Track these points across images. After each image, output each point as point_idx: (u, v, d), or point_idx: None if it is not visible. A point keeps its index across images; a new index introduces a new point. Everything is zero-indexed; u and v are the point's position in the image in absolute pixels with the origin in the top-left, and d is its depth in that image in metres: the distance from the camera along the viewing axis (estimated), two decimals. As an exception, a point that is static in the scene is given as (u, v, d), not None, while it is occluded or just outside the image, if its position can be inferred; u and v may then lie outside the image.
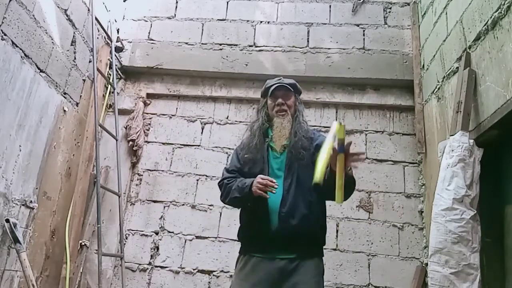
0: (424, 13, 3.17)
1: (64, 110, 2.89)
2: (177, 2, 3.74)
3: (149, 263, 3.09)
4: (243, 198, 1.79)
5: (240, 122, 3.40)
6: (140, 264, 3.10)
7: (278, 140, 1.90)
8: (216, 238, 3.10)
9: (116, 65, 3.42)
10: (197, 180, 3.28)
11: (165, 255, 3.10)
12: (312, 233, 1.80)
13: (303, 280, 1.71)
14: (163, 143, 3.41)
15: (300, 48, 3.45)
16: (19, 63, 2.38)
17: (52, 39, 2.69)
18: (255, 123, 2.01)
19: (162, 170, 3.34)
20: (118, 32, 3.58)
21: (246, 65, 3.43)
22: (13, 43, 2.32)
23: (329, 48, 3.41)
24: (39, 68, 2.57)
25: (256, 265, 1.78)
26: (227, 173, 1.98)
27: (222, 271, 3.02)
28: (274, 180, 1.72)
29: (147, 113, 3.49)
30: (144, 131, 3.41)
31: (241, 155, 1.98)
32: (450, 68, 2.56)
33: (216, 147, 3.35)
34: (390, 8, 3.51)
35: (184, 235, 3.14)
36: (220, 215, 3.15)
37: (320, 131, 3.10)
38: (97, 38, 3.23)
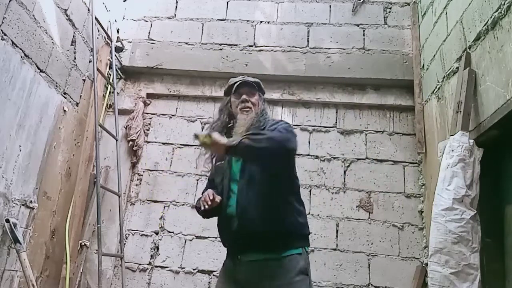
0: (424, 13, 3.17)
1: (64, 110, 2.89)
2: (177, 2, 3.74)
3: (149, 263, 3.09)
4: (201, 210, 1.78)
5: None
6: (140, 264, 3.10)
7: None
8: (216, 238, 3.10)
9: (116, 65, 3.42)
10: (197, 180, 3.28)
11: (165, 255, 3.10)
12: (274, 227, 1.67)
13: (279, 284, 1.59)
14: (163, 143, 3.41)
15: (300, 48, 3.45)
16: (19, 63, 2.38)
17: (52, 39, 2.69)
18: (216, 123, 1.93)
19: (162, 170, 3.34)
20: (118, 32, 3.58)
21: (246, 65, 3.43)
22: (13, 43, 2.32)
23: (329, 48, 3.41)
24: (39, 68, 2.57)
25: (231, 267, 1.74)
26: (208, 183, 1.99)
27: (222, 271, 3.02)
28: (210, 198, 1.67)
29: (147, 113, 3.50)
30: (144, 131, 3.41)
31: (214, 163, 1.94)
32: (450, 68, 2.56)
33: (216, 147, 3.34)
34: (390, 8, 3.51)
35: (184, 235, 3.14)
36: (220, 215, 3.14)
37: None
38: (97, 38, 3.24)
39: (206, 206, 1.67)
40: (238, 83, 1.93)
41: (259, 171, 1.73)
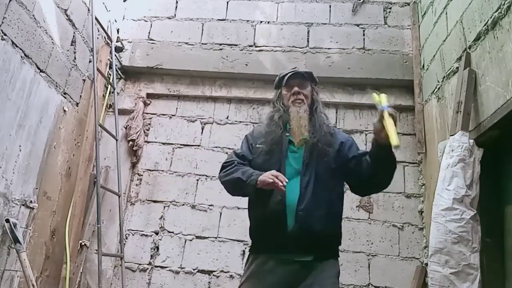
0: (424, 13, 3.17)
1: (64, 110, 2.89)
2: (177, 2, 3.74)
3: (149, 263, 3.09)
4: (247, 183, 1.65)
5: (240, 122, 3.40)
6: (140, 264, 3.10)
7: (296, 132, 1.76)
8: (216, 238, 3.10)
9: (116, 65, 3.42)
10: (197, 180, 3.28)
11: (165, 255, 3.10)
12: (331, 234, 1.71)
13: (317, 282, 1.61)
14: (163, 143, 3.41)
15: (300, 48, 3.45)
16: (19, 63, 2.38)
17: (52, 39, 2.69)
18: (275, 112, 1.86)
19: (162, 170, 3.33)
20: (118, 32, 3.58)
21: (246, 65, 3.43)
22: (13, 43, 2.31)
23: (329, 48, 3.41)
24: (39, 68, 2.57)
25: (269, 266, 1.66)
26: (236, 157, 1.85)
27: (222, 271, 3.02)
28: (286, 180, 1.58)
29: (147, 113, 3.50)
30: (144, 131, 3.41)
31: (253, 143, 1.86)
32: (450, 68, 2.56)
33: (216, 147, 3.35)
34: (390, 8, 3.51)
35: (184, 235, 3.14)
36: (220, 215, 3.15)
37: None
38: (97, 38, 3.23)
39: (281, 184, 1.55)
40: (289, 75, 1.87)
41: (328, 174, 1.73)
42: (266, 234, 1.72)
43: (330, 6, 3.58)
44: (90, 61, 3.17)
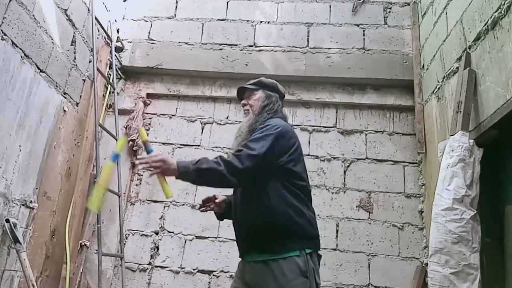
0: (424, 13, 3.18)
1: (64, 110, 2.89)
2: (177, 2, 3.74)
3: (149, 263, 3.10)
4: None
5: (240, 122, 3.39)
6: (140, 264, 3.10)
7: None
8: (216, 238, 3.10)
9: (116, 65, 3.42)
10: (197, 180, 3.27)
11: (165, 255, 3.10)
12: (265, 228, 1.64)
13: (277, 286, 1.57)
14: (163, 143, 3.41)
15: (300, 48, 3.45)
16: (19, 63, 2.38)
17: (52, 39, 2.69)
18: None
19: (162, 170, 3.33)
20: (118, 32, 3.58)
21: (246, 65, 3.43)
22: (13, 43, 2.31)
23: (329, 48, 3.41)
24: (39, 68, 2.57)
25: (240, 268, 1.82)
26: None
27: (222, 271, 3.02)
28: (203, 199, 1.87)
29: (147, 113, 3.50)
30: (144, 131, 3.41)
31: None
32: (450, 68, 2.56)
33: (216, 147, 3.35)
34: (390, 8, 3.51)
35: (184, 235, 3.14)
36: (220, 215, 3.14)
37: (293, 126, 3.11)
38: (97, 38, 3.23)
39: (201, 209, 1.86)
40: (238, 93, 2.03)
41: None
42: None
43: (330, 6, 3.58)
44: (90, 61, 3.17)
